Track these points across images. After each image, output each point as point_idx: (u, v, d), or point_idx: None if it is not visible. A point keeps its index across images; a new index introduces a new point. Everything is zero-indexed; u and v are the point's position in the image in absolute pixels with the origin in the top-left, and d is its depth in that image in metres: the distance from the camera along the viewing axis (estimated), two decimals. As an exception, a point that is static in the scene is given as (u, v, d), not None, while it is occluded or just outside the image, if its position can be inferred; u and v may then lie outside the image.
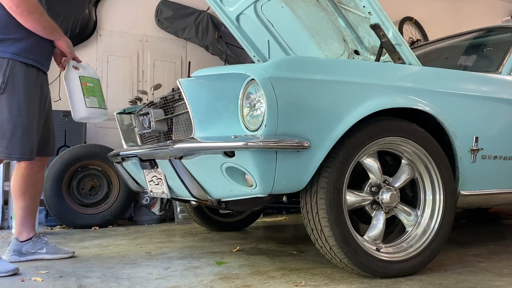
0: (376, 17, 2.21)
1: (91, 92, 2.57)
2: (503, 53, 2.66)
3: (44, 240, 2.47)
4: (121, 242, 3.02)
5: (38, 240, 2.46)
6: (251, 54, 3.15)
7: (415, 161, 2.13)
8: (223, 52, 4.92)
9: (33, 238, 2.44)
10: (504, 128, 2.38)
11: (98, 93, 2.61)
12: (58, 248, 2.49)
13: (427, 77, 2.21)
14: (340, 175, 1.88)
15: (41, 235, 2.50)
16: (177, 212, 3.92)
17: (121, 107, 3.00)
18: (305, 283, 1.92)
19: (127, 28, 4.63)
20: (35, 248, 2.43)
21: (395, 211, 2.12)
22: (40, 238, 2.47)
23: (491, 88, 2.41)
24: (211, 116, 1.97)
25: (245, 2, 2.80)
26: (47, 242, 2.47)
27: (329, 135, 1.84)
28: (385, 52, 2.36)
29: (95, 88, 2.60)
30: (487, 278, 2.00)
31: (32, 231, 2.46)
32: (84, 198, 3.80)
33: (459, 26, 4.85)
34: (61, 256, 2.46)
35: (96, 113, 2.58)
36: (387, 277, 1.98)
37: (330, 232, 1.86)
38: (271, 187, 1.79)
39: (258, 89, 1.80)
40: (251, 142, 1.72)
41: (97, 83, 2.62)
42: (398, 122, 2.05)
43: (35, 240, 2.45)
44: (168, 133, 2.43)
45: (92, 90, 2.58)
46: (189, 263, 2.33)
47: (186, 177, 2.00)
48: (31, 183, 2.42)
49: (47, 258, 2.43)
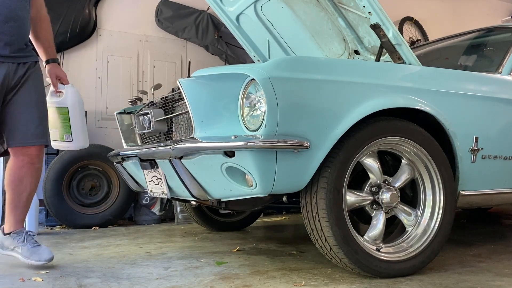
0: (376, 17, 2.21)
1: (52, 123, 2.47)
2: (503, 53, 2.66)
3: (26, 238, 2.28)
4: (121, 242, 3.02)
5: (17, 237, 2.29)
6: (251, 54, 3.15)
7: (415, 161, 2.13)
8: (223, 52, 4.91)
9: (12, 233, 2.30)
10: (504, 128, 2.38)
11: (63, 123, 2.48)
12: (35, 251, 2.25)
13: (427, 77, 2.21)
14: (340, 175, 1.88)
15: (30, 233, 2.33)
16: (177, 212, 3.92)
17: (121, 107, 3.00)
18: (305, 283, 1.92)
19: (127, 28, 4.63)
20: (13, 245, 2.30)
21: (395, 211, 2.12)
22: (20, 235, 2.29)
23: (491, 88, 2.41)
24: (211, 116, 1.97)
25: (245, 2, 2.80)
26: (26, 242, 2.27)
27: (329, 135, 1.84)
28: (385, 52, 2.36)
29: (59, 118, 2.48)
30: (487, 278, 2.00)
31: (14, 226, 2.32)
32: (84, 198, 3.80)
33: (459, 26, 4.84)
34: (31, 262, 2.23)
35: (59, 146, 2.55)
36: (387, 277, 1.98)
37: (330, 232, 1.86)
38: (271, 187, 1.80)
39: (258, 89, 1.80)
40: (251, 142, 1.72)
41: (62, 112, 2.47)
42: (398, 122, 2.05)
43: (13, 236, 2.30)
44: (168, 133, 2.43)
45: (54, 121, 2.48)
46: (189, 263, 2.33)
47: (186, 177, 2.00)
48: (16, 177, 2.28)
49: (20, 259, 2.27)
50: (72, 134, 2.50)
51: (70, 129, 2.49)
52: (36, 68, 2.30)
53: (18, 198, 2.32)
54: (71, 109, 2.46)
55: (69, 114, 2.47)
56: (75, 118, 2.48)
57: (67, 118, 2.47)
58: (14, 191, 2.31)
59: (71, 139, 2.50)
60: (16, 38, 2.19)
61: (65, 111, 2.46)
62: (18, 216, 2.34)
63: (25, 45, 2.27)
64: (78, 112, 2.49)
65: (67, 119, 2.47)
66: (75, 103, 2.48)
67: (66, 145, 2.53)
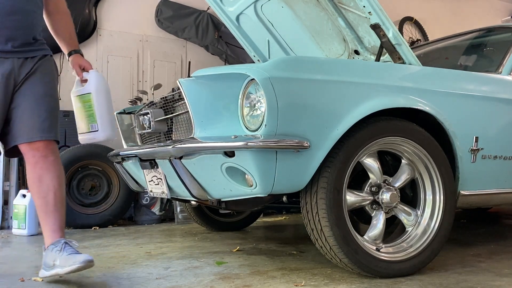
0: (376, 17, 2.21)
1: (78, 115, 2.31)
2: (503, 53, 2.66)
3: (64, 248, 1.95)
4: (121, 242, 3.02)
5: (54, 248, 1.97)
6: (251, 54, 3.15)
7: (415, 161, 2.13)
8: (223, 52, 4.92)
9: (50, 246, 1.99)
10: (504, 128, 2.38)
11: (87, 112, 2.28)
12: (71, 258, 1.91)
13: (427, 77, 2.21)
14: (340, 175, 1.88)
15: (69, 242, 1.99)
16: (177, 212, 3.92)
17: (121, 107, 3.00)
18: (305, 283, 1.92)
19: (127, 28, 4.63)
20: (52, 260, 1.94)
21: (395, 211, 2.12)
22: (57, 245, 1.96)
23: (491, 88, 2.41)
24: (211, 116, 1.97)
25: (245, 2, 2.80)
26: (63, 251, 1.94)
27: (329, 135, 1.84)
28: (385, 52, 2.36)
29: (83, 107, 2.29)
30: (487, 278, 2.00)
31: (51, 237, 2.00)
32: (84, 198, 3.80)
33: (459, 26, 4.84)
34: (67, 270, 1.89)
35: (85, 139, 2.32)
36: (387, 277, 1.98)
37: (330, 232, 1.86)
38: (271, 187, 1.80)
39: (258, 89, 1.80)
40: (251, 142, 1.72)
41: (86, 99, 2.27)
42: (398, 122, 2.05)
43: (51, 248, 1.98)
44: (168, 133, 2.43)
45: (79, 112, 2.31)
46: (189, 263, 2.33)
47: (186, 177, 2.00)
48: (34, 176, 2.04)
49: (60, 273, 1.92)
50: (98, 123, 2.25)
51: (95, 117, 2.25)
52: (46, 61, 2.14)
53: (44, 202, 2.02)
54: (94, 94, 2.25)
55: (93, 100, 2.25)
56: (99, 105, 2.25)
57: (91, 105, 2.25)
58: (38, 196, 2.04)
59: (97, 128, 2.25)
60: (21, 32, 2.04)
61: (88, 97, 2.25)
62: (52, 224, 2.02)
63: (34, 39, 2.10)
64: (103, 97, 2.27)
65: (91, 106, 2.25)
66: (99, 87, 2.27)
67: (92, 136, 2.28)
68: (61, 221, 2.03)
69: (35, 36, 2.11)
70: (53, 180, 2.04)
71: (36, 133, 2.03)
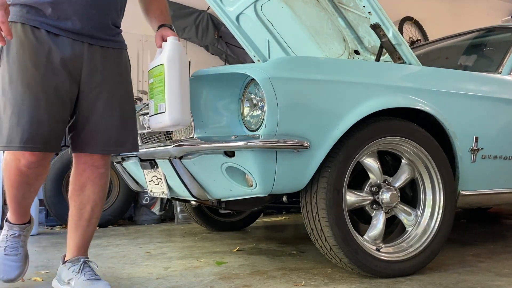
0: (376, 17, 2.21)
1: (150, 92, 1.89)
2: (503, 53, 2.66)
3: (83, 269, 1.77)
4: (121, 242, 3.02)
5: (72, 266, 1.79)
6: (251, 54, 3.15)
7: (415, 161, 2.13)
8: (223, 52, 4.92)
9: (68, 262, 1.81)
10: (504, 128, 2.38)
11: (158, 89, 1.82)
12: (89, 285, 1.72)
13: (427, 77, 2.21)
14: (340, 175, 1.88)
15: (89, 262, 1.82)
16: (177, 212, 3.92)
17: (121, 107, 2.99)
18: (305, 283, 1.92)
19: (127, 28, 4.60)
20: (68, 278, 1.78)
21: (395, 211, 2.12)
22: (76, 265, 1.79)
23: (491, 88, 2.41)
24: (211, 116, 1.97)
25: (245, 2, 2.80)
26: (81, 273, 1.76)
27: (329, 135, 1.84)
28: (385, 52, 2.36)
29: (154, 83, 1.85)
30: (487, 278, 2.00)
31: (72, 252, 1.83)
32: (84, 198, 3.79)
33: (459, 26, 4.84)
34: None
35: (154, 124, 1.88)
36: (387, 277, 1.98)
37: (330, 232, 1.86)
38: (271, 187, 1.80)
39: (258, 89, 1.81)
40: (251, 142, 1.72)
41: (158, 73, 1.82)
42: (398, 122, 2.05)
43: (68, 265, 1.80)
44: (168, 133, 2.42)
45: (151, 90, 1.88)
46: (189, 263, 2.33)
47: (186, 177, 2.00)
48: (77, 184, 1.87)
49: None
50: (166, 102, 1.76)
51: (164, 94, 1.78)
52: (124, 57, 1.87)
53: (79, 214, 1.85)
54: (167, 65, 1.78)
55: (165, 73, 1.78)
56: (171, 79, 1.78)
57: (162, 79, 1.79)
58: (75, 205, 1.87)
59: (164, 110, 1.77)
60: (95, 12, 1.70)
61: (160, 70, 1.80)
62: (79, 240, 1.84)
63: (113, 25, 1.80)
64: (176, 70, 1.79)
65: (162, 80, 1.79)
66: (173, 57, 1.81)
67: (159, 119, 1.81)
68: (88, 238, 1.87)
69: (115, 23, 1.82)
70: (94, 194, 1.86)
71: (112, 146, 1.81)
